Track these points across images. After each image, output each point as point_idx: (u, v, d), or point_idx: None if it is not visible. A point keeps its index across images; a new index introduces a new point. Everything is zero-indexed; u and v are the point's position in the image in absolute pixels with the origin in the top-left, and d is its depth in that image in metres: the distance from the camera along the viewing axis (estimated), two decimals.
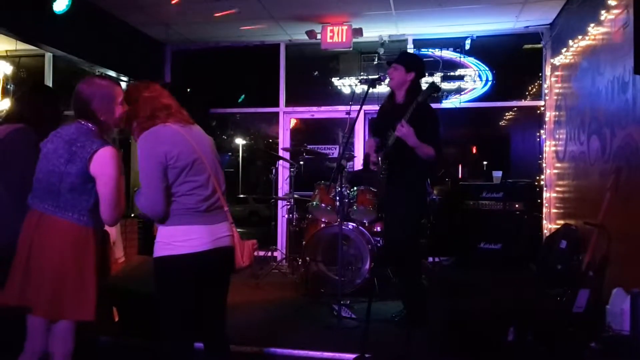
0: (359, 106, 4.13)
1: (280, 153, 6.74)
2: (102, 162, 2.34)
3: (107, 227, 4.07)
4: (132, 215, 6.05)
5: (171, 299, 2.33)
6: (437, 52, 6.79)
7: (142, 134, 2.33)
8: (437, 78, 6.66)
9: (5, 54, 7.02)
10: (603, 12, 4.33)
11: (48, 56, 6.65)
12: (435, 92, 3.87)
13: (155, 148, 2.27)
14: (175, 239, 2.28)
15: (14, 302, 2.36)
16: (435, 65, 6.71)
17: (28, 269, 2.35)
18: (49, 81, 6.22)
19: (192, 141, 2.34)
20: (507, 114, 8.64)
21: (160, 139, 2.29)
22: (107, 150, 2.36)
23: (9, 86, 6.98)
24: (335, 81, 7.19)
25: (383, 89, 6.83)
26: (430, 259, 5.51)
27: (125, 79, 6.89)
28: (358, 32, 6.39)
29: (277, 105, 7.27)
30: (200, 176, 2.33)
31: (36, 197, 2.42)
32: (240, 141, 20.28)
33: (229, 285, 2.53)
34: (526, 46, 6.73)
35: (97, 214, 2.40)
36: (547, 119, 6.52)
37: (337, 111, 7.04)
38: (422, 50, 6.88)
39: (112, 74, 6.51)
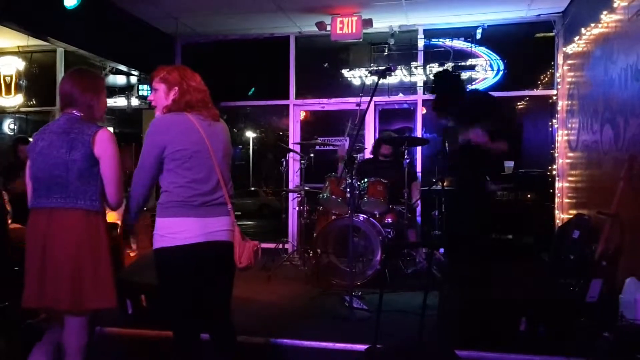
0: (369, 97, 4.13)
1: (291, 146, 6.74)
2: (104, 142, 2.41)
3: (119, 222, 4.08)
4: (145, 208, 6.09)
5: (168, 289, 2.39)
6: (447, 42, 6.74)
7: (153, 120, 2.39)
8: (448, 68, 6.62)
9: (17, 50, 7.07)
10: None
11: (60, 51, 6.70)
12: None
13: (157, 136, 2.33)
14: (170, 231, 2.32)
15: (34, 305, 2.40)
16: (446, 55, 6.66)
17: (44, 269, 2.37)
18: (60, 76, 6.26)
19: (204, 134, 2.36)
20: (518, 103, 8.52)
21: (164, 128, 2.34)
22: (105, 131, 2.45)
23: (21, 82, 7.05)
24: (346, 73, 7.16)
25: (393, 79, 6.85)
26: (442, 250, 5.49)
27: (135, 72, 6.94)
28: (368, 22, 6.35)
29: (287, 97, 7.27)
30: (201, 171, 2.35)
31: (41, 197, 2.43)
32: (250, 134, 20.29)
33: (232, 278, 2.54)
34: (538, 35, 6.66)
35: (104, 199, 2.47)
36: (559, 108, 6.45)
37: (348, 103, 7.02)
38: (433, 40, 6.84)
39: (123, 67, 6.55)
